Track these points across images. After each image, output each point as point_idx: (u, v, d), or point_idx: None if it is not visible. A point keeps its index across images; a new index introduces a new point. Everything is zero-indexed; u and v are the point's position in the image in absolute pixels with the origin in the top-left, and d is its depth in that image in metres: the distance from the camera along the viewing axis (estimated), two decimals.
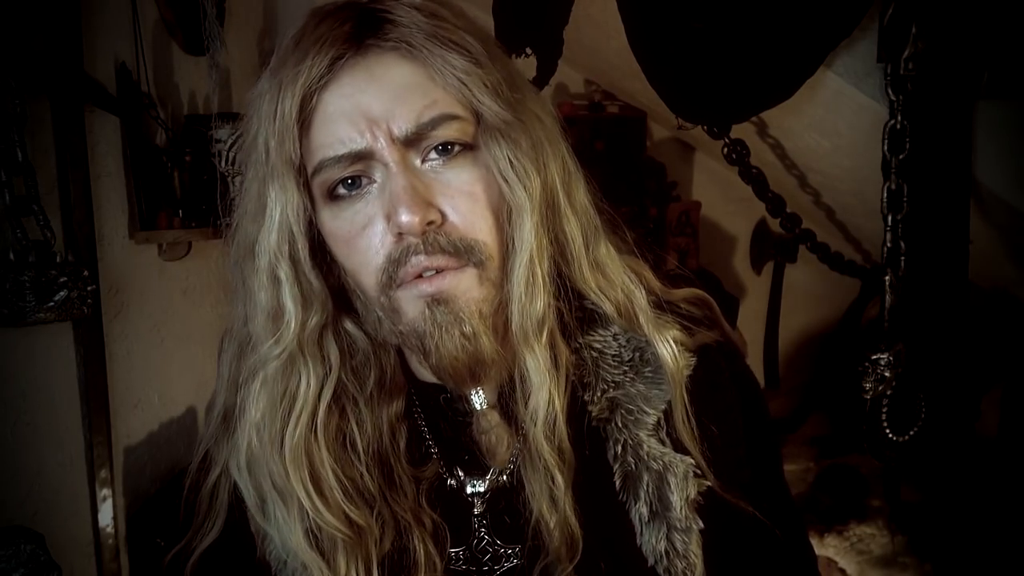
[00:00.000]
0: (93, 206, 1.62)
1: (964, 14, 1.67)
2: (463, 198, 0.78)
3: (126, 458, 1.75)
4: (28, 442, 1.52)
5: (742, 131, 2.19)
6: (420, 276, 0.77)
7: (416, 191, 0.74)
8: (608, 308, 0.85)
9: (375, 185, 0.77)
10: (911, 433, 1.90)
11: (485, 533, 0.87)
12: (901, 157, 1.74)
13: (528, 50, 2.07)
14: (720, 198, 3.21)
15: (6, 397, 1.47)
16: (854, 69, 1.83)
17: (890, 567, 2.61)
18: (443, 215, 0.77)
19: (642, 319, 0.84)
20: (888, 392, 1.83)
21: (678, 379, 0.83)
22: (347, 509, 0.80)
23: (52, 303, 1.44)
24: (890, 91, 1.70)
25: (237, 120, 1.89)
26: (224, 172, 1.87)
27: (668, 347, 0.83)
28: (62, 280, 1.45)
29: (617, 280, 0.85)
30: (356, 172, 0.77)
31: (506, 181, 0.79)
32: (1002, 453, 2.39)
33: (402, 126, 0.75)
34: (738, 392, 0.90)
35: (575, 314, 0.84)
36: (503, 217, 0.80)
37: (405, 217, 0.73)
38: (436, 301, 0.77)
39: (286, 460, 0.79)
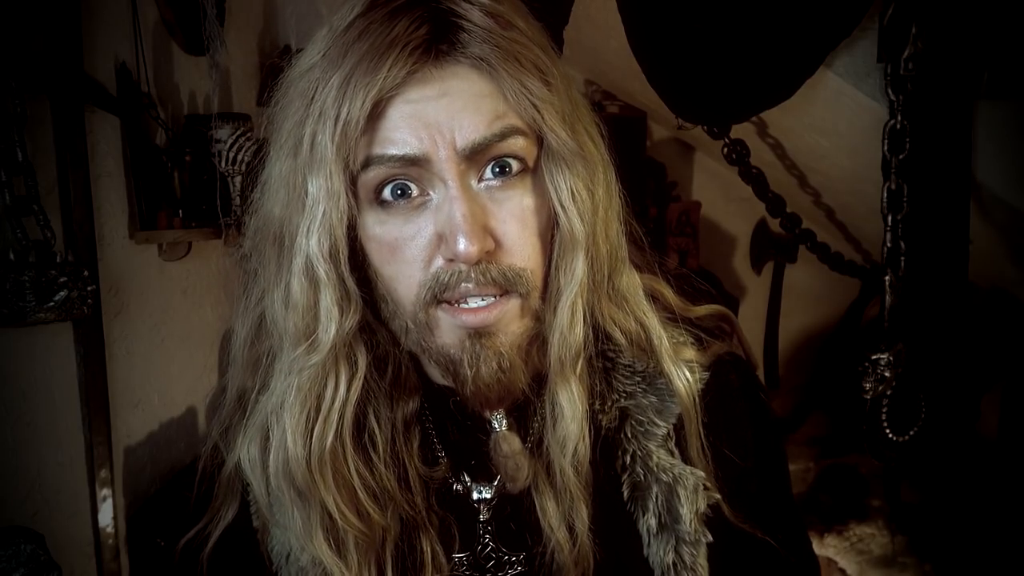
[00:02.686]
0: (93, 206, 1.62)
1: (964, 14, 1.67)
2: (514, 223, 0.76)
3: (126, 458, 1.75)
4: (28, 442, 1.52)
5: (742, 131, 2.19)
6: (462, 301, 0.75)
7: (476, 218, 0.72)
8: (619, 338, 0.84)
9: (430, 201, 0.75)
10: (911, 433, 1.90)
11: (490, 540, 0.86)
12: (901, 157, 1.74)
13: None
14: (720, 198, 3.21)
15: (6, 397, 1.47)
16: (854, 69, 1.83)
17: (890, 567, 2.61)
18: (496, 243, 0.75)
19: (656, 349, 0.84)
20: (888, 392, 1.83)
21: (691, 409, 0.83)
22: (368, 508, 0.79)
23: (52, 303, 1.44)
24: (890, 91, 1.70)
25: (239, 119, 1.90)
26: (224, 172, 1.86)
27: (682, 378, 0.83)
28: (62, 280, 1.45)
29: (633, 311, 0.85)
30: (408, 176, 0.74)
31: (564, 212, 0.78)
32: (1002, 453, 2.39)
33: (468, 136, 0.72)
34: (747, 404, 0.90)
35: (593, 332, 0.85)
36: (548, 245, 0.79)
37: (464, 247, 0.71)
38: (478, 334, 0.76)
39: (312, 462, 0.77)
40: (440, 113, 0.72)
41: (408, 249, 0.75)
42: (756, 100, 1.84)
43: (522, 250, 0.77)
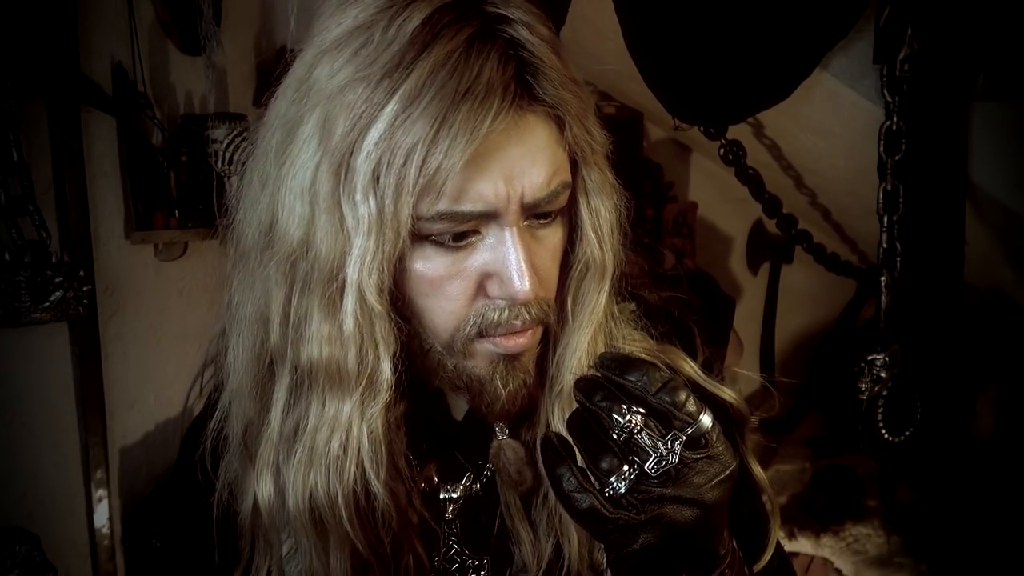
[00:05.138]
0: (89, 206, 1.62)
1: (960, 15, 1.68)
2: (548, 259, 0.77)
3: (122, 459, 1.75)
4: (24, 443, 1.51)
5: (738, 132, 2.19)
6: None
7: (530, 262, 0.72)
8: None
9: (482, 240, 0.73)
10: (907, 433, 1.91)
11: (455, 541, 0.86)
12: (897, 158, 1.74)
13: None
14: (717, 199, 3.21)
15: (2, 398, 1.47)
16: (850, 70, 1.83)
17: (886, 567, 2.61)
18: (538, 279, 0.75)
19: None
20: (884, 392, 1.83)
21: None
22: (383, 534, 0.79)
23: (48, 303, 1.43)
24: (886, 92, 1.71)
25: (235, 119, 1.89)
26: (221, 172, 1.86)
27: None
28: (58, 280, 1.45)
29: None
30: (472, 228, 0.72)
31: (600, 242, 0.79)
32: (998, 453, 2.39)
33: (534, 193, 0.71)
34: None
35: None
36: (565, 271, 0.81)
37: (522, 291, 0.71)
38: (512, 356, 0.77)
39: (347, 499, 0.75)
40: (514, 166, 0.70)
41: (452, 286, 0.74)
42: (752, 101, 1.85)
43: (551, 283, 0.78)
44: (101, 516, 1.65)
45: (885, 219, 1.78)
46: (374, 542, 0.78)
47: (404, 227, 0.69)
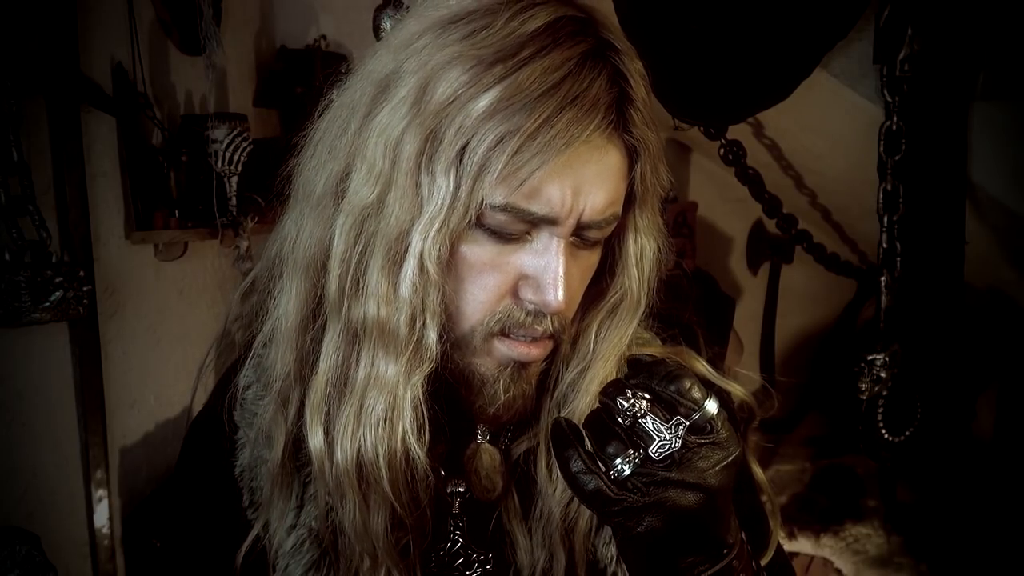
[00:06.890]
0: (89, 206, 1.62)
1: (960, 15, 1.68)
2: (578, 279, 0.78)
3: (122, 459, 1.75)
4: (24, 443, 1.51)
5: (738, 132, 2.19)
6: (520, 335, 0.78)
7: (567, 275, 0.74)
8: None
9: (530, 242, 0.75)
10: (907, 433, 1.91)
11: (460, 536, 0.87)
12: (897, 158, 1.75)
13: None
14: (717, 199, 3.21)
15: (2, 398, 1.47)
16: (850, 70, 1.83)
17: (886, 567, 2.62)
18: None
19: None
20: (884, 392, 1.83)
21: None
22: (421, 495, 0.80)
23: (48, 303, 1.43)
24: (886, 92, 1.71)
25: (235, 119, 1.89)
26: (220, 172, 1.86)
27: None
28: (58, 280, 1.45)
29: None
30: (526, 229, 0.74)
31: (640, 277, 0.81)
32: (998, 453, 2.39)
33: (591, 215, 0.74)
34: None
35: None
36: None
37: (555, 303, 0.73)
38: (521, 364, 0.79)
39: (390, 458, 0.77)
40: (585, 183, 0.73)
41: (490, 277, 0.75)
42: (753, 101, 1.85)
43: (575, 304, 0.80)
44: (101, 516, 1.65)
45: (885, 219, 1.79)
46: (411, 505, 0.79)
47: (474, 207, 0.71)
